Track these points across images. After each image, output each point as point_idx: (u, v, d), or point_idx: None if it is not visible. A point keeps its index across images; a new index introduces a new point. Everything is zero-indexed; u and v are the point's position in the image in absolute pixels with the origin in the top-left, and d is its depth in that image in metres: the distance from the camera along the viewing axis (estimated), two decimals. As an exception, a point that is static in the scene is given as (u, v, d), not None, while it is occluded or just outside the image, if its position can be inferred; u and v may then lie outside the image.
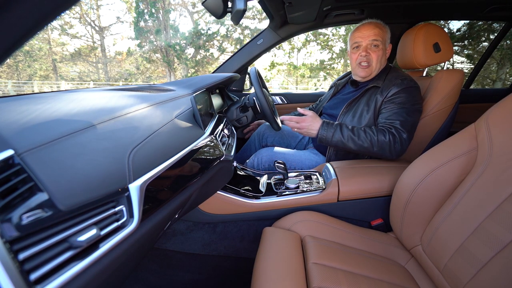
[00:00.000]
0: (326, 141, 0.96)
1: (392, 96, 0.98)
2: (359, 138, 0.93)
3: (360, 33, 1.07)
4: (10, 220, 0.26)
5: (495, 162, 0.62)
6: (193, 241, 0.90)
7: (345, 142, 0.94)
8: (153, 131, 0.53)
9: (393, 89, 0.98)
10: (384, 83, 1.02)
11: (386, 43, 1.08)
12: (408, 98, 0.97)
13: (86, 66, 13.63)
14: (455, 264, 0.60)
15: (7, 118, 0.38)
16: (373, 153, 0.94)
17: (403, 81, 0.99)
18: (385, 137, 0.91)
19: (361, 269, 0.68)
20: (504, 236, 0.53)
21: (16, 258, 0.24)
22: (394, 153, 0.92)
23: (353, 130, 0.94)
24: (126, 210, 0.37)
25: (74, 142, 0.38)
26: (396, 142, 0.91)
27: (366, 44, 1.06)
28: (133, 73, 12.29)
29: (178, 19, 14.02)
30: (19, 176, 0.30)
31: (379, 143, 0.91)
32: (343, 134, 0.94)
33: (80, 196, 0.32)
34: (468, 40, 6.40)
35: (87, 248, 0.31)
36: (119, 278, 0.46)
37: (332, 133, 0.95)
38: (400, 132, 0.92)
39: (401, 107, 0.96)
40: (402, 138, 0.92)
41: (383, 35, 1.06)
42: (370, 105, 1.02)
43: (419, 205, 0.73)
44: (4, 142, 0.32)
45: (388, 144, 0.91)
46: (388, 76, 1.05)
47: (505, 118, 0.65)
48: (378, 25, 1.07)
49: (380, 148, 0.92)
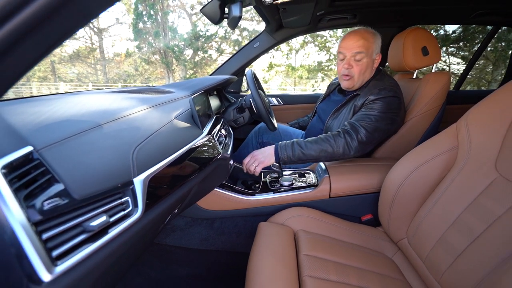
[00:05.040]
0: (289, 159, 0.94)
1: (368, 103, 1.00)
2: (317, 145, 0.93)
3: (345, 43, 1.06)
4: (33, 206, 0.30)
5: (473, 159, 0.67)
6: (191, 237, 0.94)
7: (305, 152, 0.93)
8: (154, 130, 0.58)
9: (370, 97, 1.00)
10: (364, 91, 1.05)
11: (374, 53, 1.06)
12: (381, 106, 0.98)
13: (85, 68, 13.65)
14: (435, 254, 0.65)
15: (23, 119, 0.43)
16: (337, 155, 0.94)
17: (380, 91, 1.00)
18: (340, 137, 0.94)
19: (350, 261, 0.72)
20: (478, 227, 0.58)
21: (41, 238, 0.29)
22: (352, 150, 0.93)
23: (310, 140, 0.95)
24: (131, 201, 0.41)
25: (83, 140, 0.43)
26: (353, 139, 0.93)
27: (349, 56, 1.05)
28: (131, 74, 12.31)
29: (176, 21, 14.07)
30: (38, 169, 0.34)
31: (337, 143, 0.93)
32: (302, 146, 0.94)
33: (91, 187, 0.36)
34: (463, 42, 6.49)
35: (98, 232, 0.35)
36: (123, 266, 0.50)
37: (291, 149, 0.93)
38: (357, 129, 0.94)
39: (369, 112, 0.98)
40: (358, 135, 0.93)
41: (368, 46, 1.03)
42: (351, 111, 1.05)
43: (405, 200, 0.77)
44: (23, 139, 0.36)
45: (345, 142, 0.93)
46: (369, 84, 1.06)
47: (482, 118, 0.70)
48: (364, 36, 1.03)
49: (340, 148, 0.93)
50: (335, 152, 0.93)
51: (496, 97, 0.70)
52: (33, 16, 0.24)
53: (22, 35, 0.24)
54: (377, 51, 1.07)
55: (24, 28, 0.24)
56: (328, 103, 1.27)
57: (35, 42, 0.26)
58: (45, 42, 0.27)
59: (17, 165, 0.32)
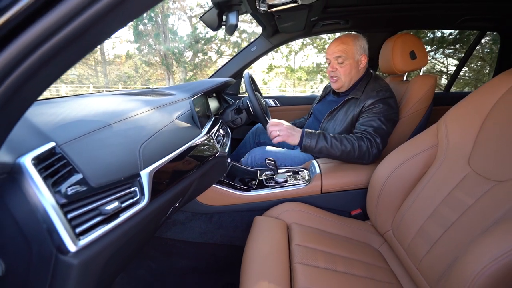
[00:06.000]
0: (311, 148, 0.98)
1: (369, 107, 1.05)
2: (341, 144, 0.97)
3: (328, 49, 1.16)
4: (59, 191, 0.36)
5: (450, 156, 0.73)
6: (191, 230, 1.00)
7: (329, 148, 0.96)
8: (158, 129, 0.64)
9: (369, 101, 1.05)
10: (362, 95, 1.10)
11: (355, 54, 1.12)
12: (383, 108, 1.04)
13: (85, 69, 13.73)
14: (415, 243, 0.71)
15: (43, 119, 0.49)
16: (354, 158, 0.98)
17: (378, 93, 1.06)
18: (363, 142, 0.98)
19: (338, 250, 0.78)
20: (451, 216, 0.63)
21: (67, 217, 0.34)
22: (371, 156, 0.98)
23: (335, 137, 0.99)
24: (138, 190, 0.47)
25: (96, 137, 0.48)
26: (373, 146, 0.98)
27: (332, 60, 1.14)
28: (132, 76, 12.39)
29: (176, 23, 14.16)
30: (60, 162, 0.40)
31: (360, 147, 0.97)
32: (327, 140, 0.97)
33: (105, 177, 0.42)
34: (460, 44, 6.57)
35: (112, 215, 0.41)
36: (130, 251, 0.56)
37: (316, 140, 0.97)
38: (374, 137, 0.99)
39: (375, 116, 1.03)
40: (376, 142, 0.98)
41: (348, 50, 1.10)
42: (348, 115, 1.10)
43: (390, 194, 0.83)
44: (46, 137, 0.42)
45: (367, 147, 0.97)
46: (366, 88, 1.12)
47: (459, 118, 0.76)
48: (344, 40, 1.11)
49: (360, 152, 0.97)
50: (355, 155, 0.97)
51: (472, 98, 0.76)
52: (57, 45, 0.26)
53: (46, 62, 0.28)
54: (360, 52, 1.13)
55: (48, 56, 0.27)
56: (324, 105, 1.32)
57: (55, 65, 0.30)
58: (64, 64, 0.30)
59: (43, 158, 0.38)
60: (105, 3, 0.26)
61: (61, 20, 0.25)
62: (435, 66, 7.87)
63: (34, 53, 0.26)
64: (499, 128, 0.65)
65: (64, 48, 0.27)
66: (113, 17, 0.27)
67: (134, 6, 0.28)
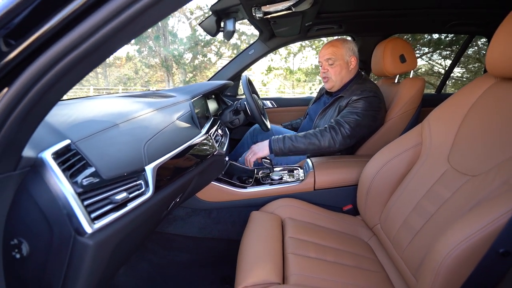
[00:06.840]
0: (281, 150, 1.07)
1: (351, 103, 1.13)
2: (306, 138, 1.07)
3: (320, 52, 1.26)
4: (76, 182, 0.41)
5: (433, 153, 0.79)
6: (191, 225, 1.05)
7: (296, 145, 1.07)
8: (160, 129, 0.69)
9: (353, 98, 1.13)
10: (347, 93, 1.18)
11: (345, 56, 1.20)
12: (363, 105, 1.11)
13: (85, 71, 13.75)
14: (400, 235, 0.76)
15: (57, 119, 0.54)
16: (322, 148, 1.07)
17: (362, 92, 1.13)
18: (327, 131, 1.07)
19: (329, 242, 0.83)
20: (431, 209, 0.69)
21: (83, 204, 0.40)
22: (337, 143, 1.06)
23: (301, 134, 1.09)
24: (144, 183, 0.53)
25: (106, 136, 0.54)
26: (337, 133, 1.06)
27: (323, 62, 1.23)
28: (132, 77, 12.45)
29: (176, 25, 14.26)
30: (75, 157, 0.45)
31: (323, 137, 1.06)
32: (292, 139, 1.07)
33: (114, 171, 0.48)
34: (456, 46, 6.64)
35: (121, 204, 0.46)
36: (135, 240, 0.61)
37: (283, 142, 1.07)
38: (341, 125, 1.07)
39: (353, 110, 1.11)
40: (342, 130, 1.06)
41: (337, 52, 1.20)
42: (336, 111, 1.19)
43: (378, 190, 0.89)
44: (62, 135, 0.47)
45: (330, 136, 1.06)
46: (353, 87, 1.20)
47: (441, 118, 0.81)
48: (333, 44, 1.21)
49: (324, 141, 1.06)
50: (321, 145, 1.07)
51: (453, 99, 0.82)
52: (76, 58, 0.32)
53: (69, 70, 0.33)
54: (349, 54, 1.21)
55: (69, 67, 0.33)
56: (318, 105, 1.39)
57: (75, 73, 0.35)
58: (81, 73, 0.36)
59: (60, 153, 0.43)
60: (114, 25, 0.31)
61: (79, 39, 0.31)
62: (433, 67, 7.95)
63: (60, 63, 0.32)
64: (474, 128, 0.71)
65: (81, 60, 0.32)
66: (120, 36, 0.33)
67: (138, 25, 0.34)
